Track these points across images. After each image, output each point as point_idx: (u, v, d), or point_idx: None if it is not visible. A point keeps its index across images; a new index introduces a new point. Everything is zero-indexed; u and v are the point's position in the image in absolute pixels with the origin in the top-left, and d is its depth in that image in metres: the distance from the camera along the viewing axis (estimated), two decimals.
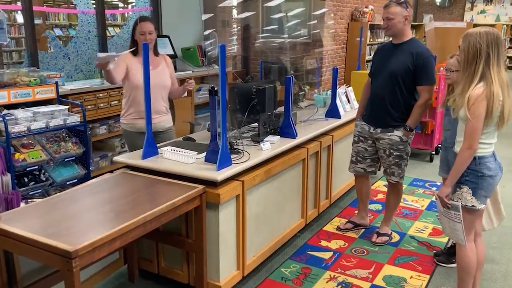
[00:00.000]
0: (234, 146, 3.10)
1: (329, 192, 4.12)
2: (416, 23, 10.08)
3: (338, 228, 3.89)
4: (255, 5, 7.14)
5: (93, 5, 5.12)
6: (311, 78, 7.41)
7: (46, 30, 4.93)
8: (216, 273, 2.80)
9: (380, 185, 4.97)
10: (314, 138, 3.75)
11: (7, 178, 3.24)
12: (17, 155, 3.45)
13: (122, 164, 3.06)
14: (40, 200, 2.55)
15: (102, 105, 4.55)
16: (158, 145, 3.10)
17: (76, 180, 3.78)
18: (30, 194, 3.53)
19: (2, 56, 4.78)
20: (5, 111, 3.54)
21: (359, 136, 3.66)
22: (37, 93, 3.77)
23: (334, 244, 3.65)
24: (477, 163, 2.50)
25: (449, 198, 2.62)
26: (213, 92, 2.73)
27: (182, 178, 2.76)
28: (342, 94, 4.58)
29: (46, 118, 3.62)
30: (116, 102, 4.62)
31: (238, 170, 2.83)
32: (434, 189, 4.88)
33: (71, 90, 4.29)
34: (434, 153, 5.87)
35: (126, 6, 6.02)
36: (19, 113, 3.56)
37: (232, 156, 2.89)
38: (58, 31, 6.25)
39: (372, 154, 3.65)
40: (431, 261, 3.41)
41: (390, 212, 3.75)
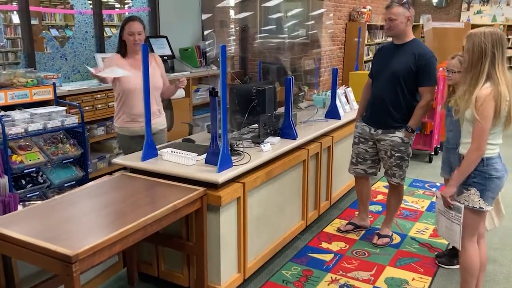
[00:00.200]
0: (235, 148, 3.07)
1: (329, 193, 4.09)
2: (413, 24, 10.08)
3: (339, 229, 3.86)
4: (253, 5, 7.11)
5: (90, 5, 5.08)
6: (309, 79, 7.39)
7: (43, 31, 4.88)
8: (217, 276, 2.77)
9: (380, 186, 4.95)
10: (314, 139, 3.73)
11: (4, 180, 3.21)
12: (14, 157, 3.41)
13: (120, 165, 3.03)
14: (38, 203, 2.51)
15: (99, 106, 4.51)
16: (157, 146, 3.07)
17: (74, 182, 3.74)
18: (28, 196, 3.48)
19: None
20: (2, 113, 3.50)
21: (360, 137, 3.63)
22: (34, 94, 3.73)
23: (335, 246, 3.62)
24: (484, 165, 2.47)
25: (452, 198, 2.59)
26: (213, 93, 2.70)
27: (182, 180, 2.73)
28: (341, 94, 4.55)
29: (43, 119, 3.58)
30: (113, 103, 4.56)
31: (239, 172, 2.79)
32: (434, 189, 4.86)
33: (69, 91, 4.26)
34: (433, 153, 5.86)
35: (122, 6, 5.97)
36: (16, 114, 3.52)
37: (232, 157, 2.86)
38: (54, 32, 6.19)
39: (372, 155, 3.62)
40: (433, 262, 3.39)
41: (391, 213, 3.73)
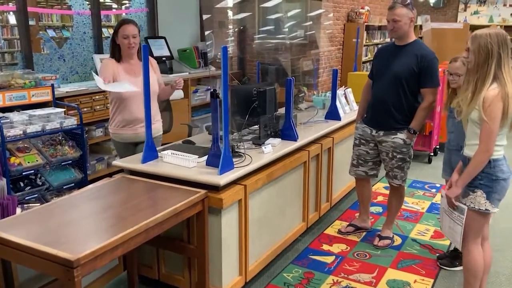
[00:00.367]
0: (235, 149, 3.05)
1: (329, 195, 4.07)
2: None
3: (339, 231, 3.84)
4: (251, 6, 7.08)
5: (88, 6, 5.04)
6: (308, 80, 7.37)
7: (40, 31, 4.85)
8: (218, 279, 2.74)
9: (380, 187, 4.93)
10: (315, 141, 3.71)
11: (3, 182, 3.17)
12: (12, 159, 3.37)
13: (118, 167, 2.99)
14: (37, 206, 2.48)
15: (98, 107, 4.48)
16: (158, 148, 3.04)
17: (73, 184, 3.71)
18: (26, 199, 3.45)
19: None
20: (0, 114, 3.47)
21: (361, 139, 3.61)
22: (32, 95, 3.69)
23: (336, 248, 3.60)
24: (491, 166, 2.45)
25: (457, 199, 2.58)
26: (215, 94, 2.67)
27: (182, 182, 2.70)
28: (341, 95, 4.54)
29: (42, 121, 3.54)
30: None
31: (240, 174, 2.77)
32: (434, 190, 4.85)
33: (67, 92, 4.22)
34: (432, 154, 5.85)
35: (119, 7, 5.94)
36: (15, 116, 3.48)
37: (233, 159, 2.83)
38: (51, 33, 6.16)
39: (373, 157, 3.60)
40: (434, 264, 3.37)
41: (392, 215, 3.71)
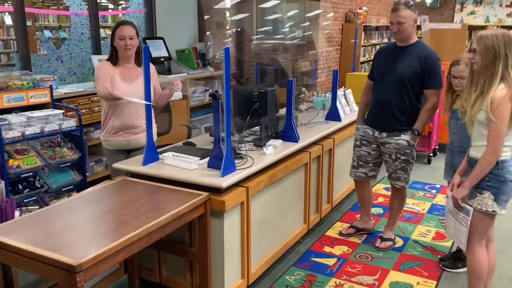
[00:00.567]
0: (237, 151, 3.02)
1: (330, 196, 4.05)
2: None
3: (341, 233, 3.81)
4: (250, 6, 7.06)
5: (85, 5, 5.00)
6: (306, 80, 7.36)
7: (36, 32, 4.80)
8: (220, 282, 2.71)
9: (380, 188, 4.92)
10: (316, 142, 3.69)
11: (1, 185, 3.13)
12: (11, 162, 3.33)
13: (118, 170, 2.95)
14: (37, 210, 2.45)
15: (96, 108, 4.43)
16: (159, 150, 3.01)
17: (72, 186, 3.67)
18: (25, 201, 3.41)
19: None
20: None
21: (362, 140, 3.58)
22: (31, 97, 3.65)
23: (338, 249, 3.58)
24: (499, 168, 2.44)
25: (464, 200, 2.56)
26: (216, 96, 2.65)
27: (182, 184, 2.67)
28: (341, 96, 4.52)
29: (40, 123, 3.50)
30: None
31: (242, 176, 2.75)
32: (434, 191, 4.84)
33: (65, 93, 4.18)
34: (432, 155, 5.85)
35: (116, 7, 5.90)
36: (13, 118, 3.44)
37: (235, 161, 2.80)
38: (47, 33, 6.12)
39: (375, 158, 3.57)
40: (437, 266, 3.35)
41: (393, 216, 3.69)
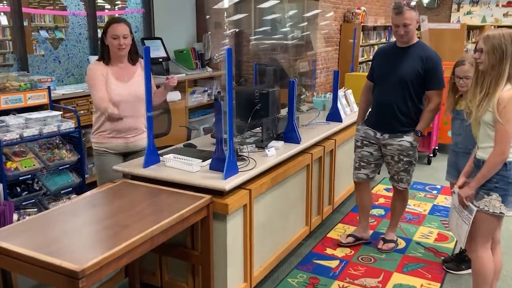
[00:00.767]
0: (239, 153, 2.98)
1: (332, 198, 4.02)
2: None
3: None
4: (248, 6, 7.02)
5: (83, 5, 4.95)
6: (305, 81, 7.33)
7: (32, 32, 4.75)
8: (223, 286, 2.67)
9: (380, 189, 4.89)
10: (317, 143, 3.65)
11: None
12: (9, 164, 3.28)
13: (119, 172, 2.91)
14: (38, 214, 2.40)
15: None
16: (160, 152, 2.97)
17: (70, 188, 3.63)
18: (23, 204, 3.36)
19: None
20: None
21: (363, 140, 3.52)
22: (29, 98, 3.60)
23: (340, 251, 3.55)
24: (507, 169, 2.41)
25: (470, 200, 2.54)
26: (219, 97, 2.61)
27: (182, 186, 2.63)
28: (341, 97, 4.49)
29: (39, 124, 3.46)
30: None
31: (245, 178, 2.71)
32: (435, 192, 4.82)
33: (63, 94, 4.14)
34: (432, 155, 5.83)
35: (113, 7, 5.85)
36: (11, 119, 3.40)
37: (237, 163, 2.77)
38: (43, 33, 6.06)
39: (376, 159, 3.52)
40: (440, 268, 3.33)
41: (396, 218, 3.65)
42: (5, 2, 4.34)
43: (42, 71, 4.58)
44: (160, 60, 5.53)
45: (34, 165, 3.40)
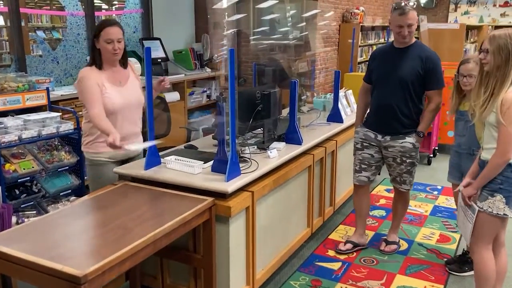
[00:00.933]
0: (241, 154, 2.95)
1: (333, 199, 3.99)
2: None
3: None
4: (247, 6, 6.99)
5: (82, 6, 4.92)
6: (304, 81, 7.30)
7: (29, 33, 4.72)
8: None
9: (381, 190, 4.87)
10: (319, 144, 3.63)
11: None
12: (7, 166, 3.25)
13: (119, 174, 2.87)
14: (38, 217, 2.37)
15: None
16: (161, 154, 2.94)
17: (70, 190, 3.59)
18: (22, 207, 3.33)
19: None
20: None
21: (363, 142, 3.46)
22: (27, 99, 3.57)
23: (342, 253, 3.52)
24: None
25: (474, 199, 2.53)
26: (221, 98, 2.58)
27: (183, 189, 2.60)
28: (342, 97, 4.46)
29: (37, 126, 3.42)
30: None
31: (247, 180, 2.68)
32: (435, 193, 4.80)
33: (62, 95, 4.10)
34: (432, 156, 5.81)
35: (110, 8, 5.82)
36: (9, 121, 3.36)
37: (239, 165, 2.74)
38: (40, 34, 6.02)
39: (377, 161, 3.47)
40: (443, 269, 3.31)
41: (398, 220, 3.63)
42: (1, 2, 4.30)
43: (40, 72, 4.54)
44: (159, 60, 5.50)
45: (33, 167, 3.36)
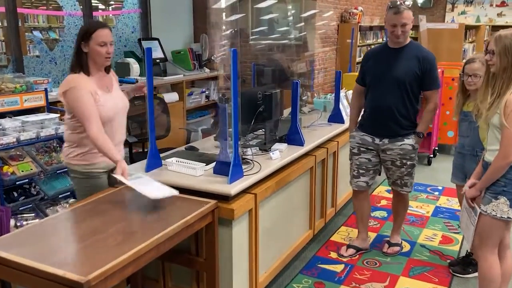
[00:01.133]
0: (243, 156, 2.91)
1: (334, 200, 3.96)
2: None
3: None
4: (245, 6, 6.95)
5: (80, 6, 4.87)
6: (303, 81, 7.26)
7: (25, 33, 4.67)
8: None
9: (382, 190, 4.84)
10: (320, 145, 3.59)
11: None
12: (5, 168, 3.20)
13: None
14: (38, 221, 2.32)
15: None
16: (162, 155, 2.90)
17: (69, 193, 3.54)
18: (20, 209, 3.29)
19: None
20: None
21: (360, 147, 3.39)
22: (25, 100, 3.52)
23: None
24: None
25: (477, 202, 2.50)
26: (224, 99, 2.54)
27: (184, 191, 2.55)
28: (343, 97, 4.44)
29: (36, 127, 3.38)
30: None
31: (250, 182, 2.64)
32: (436, 193, 4.78)
33: None
34: (432, 156, 5.79)
35: (107, 8, 5.78)
36: (7, 122, 3.32)
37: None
38: (37, 34, 5.97)
39: (375, 165, 3.40)
40: (446, 271, 3.28)
41: (399, 221, 3.59)
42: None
43: (37, 73, 4.49)
44: (157, 61, 5.46)
45: (31, 169, 3.32)
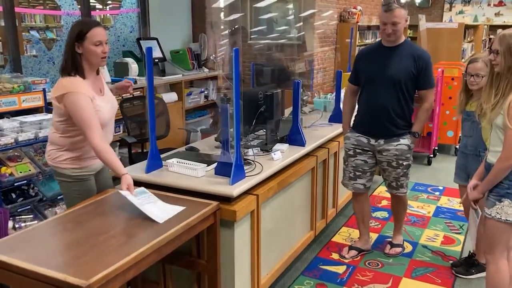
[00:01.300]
0: (244, 157, 2.88)
1: (335, 200, 3.94)
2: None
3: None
4: (244, 6, 6.92)
5: (78, 5, 4.83)
6: (302, 81, 7.24)
7: (22, 33, 4.63)
8: None
9: (382, 190, 4.81)
10: (321, 145, 3.57)
11: None
12: (3, 169, 3.17)
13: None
14: (37, 224, 2.29)
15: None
16: (162, 156, 2.86)
17: None
18: (19, 211, 3.25)
19: None
20: None
21: (355, 148, 3.33)
22: (23, 101, 3.48)
23: None
24: None
25: (480, 204, 2.48)
26: (225, 100, 2.51)
27: (185, 192, 2.53)
28: (342, 97, 4.41)
29: (34, 128, 3.34)
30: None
31: (252, 183, 2.61)
32: (437, 193, 4.76)
33: None
34: (432, 156, 5.77)
35: (104, 7, 5.74)
36: (5, 123, 3.28)
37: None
38: (34, 33, 5.92)
39: (371, 166, 3.35)
40: (449, 272, 3.26)
41: (400, 222, 3.57)
42: None
43: (35, 73, 4.45)
44: (156, 60, 5.42)
45: (29, 170, 3.28)
